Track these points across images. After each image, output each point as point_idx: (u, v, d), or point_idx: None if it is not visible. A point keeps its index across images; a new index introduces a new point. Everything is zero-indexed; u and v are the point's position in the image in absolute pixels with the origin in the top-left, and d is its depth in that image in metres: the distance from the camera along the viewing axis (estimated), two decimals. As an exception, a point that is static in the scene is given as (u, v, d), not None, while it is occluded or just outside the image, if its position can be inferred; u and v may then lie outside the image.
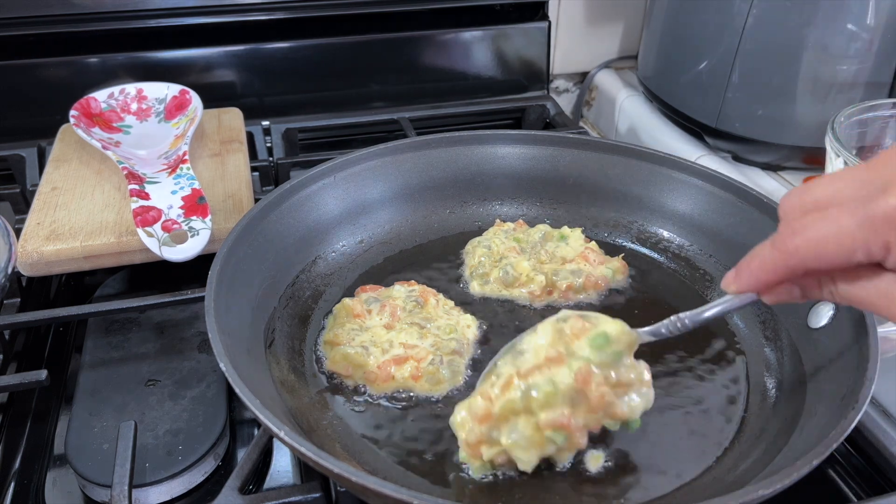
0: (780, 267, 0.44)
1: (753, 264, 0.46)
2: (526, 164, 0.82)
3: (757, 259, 0.46)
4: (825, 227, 0.41)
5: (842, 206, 0.41)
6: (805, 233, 0.42)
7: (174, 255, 0.68)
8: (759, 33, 0.91)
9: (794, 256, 0.43)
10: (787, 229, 0.43)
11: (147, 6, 0.98)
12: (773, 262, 0.44)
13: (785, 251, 0.43)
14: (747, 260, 0.47)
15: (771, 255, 0.44)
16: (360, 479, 0.43)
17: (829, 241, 0.41)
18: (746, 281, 0.47)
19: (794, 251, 0.43)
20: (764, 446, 0.56)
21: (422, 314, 0.67)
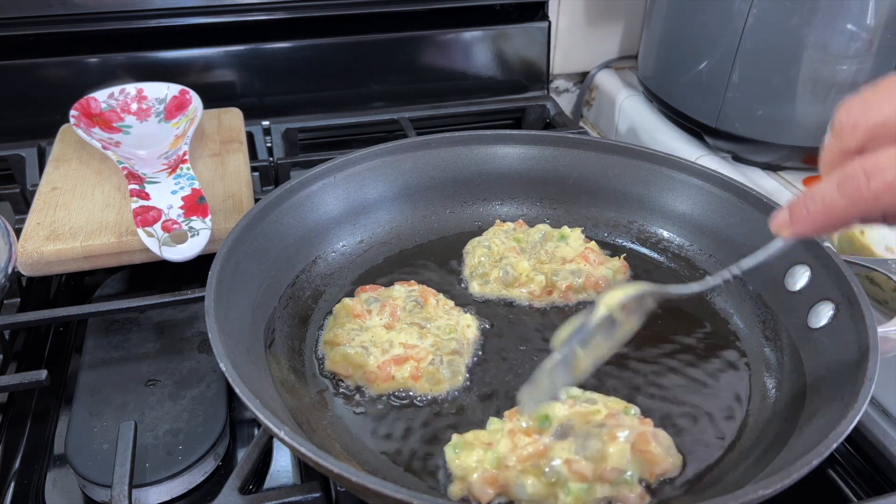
0: (851, 214, 0.40)
1: (815, 209, 0.41)
2: (526, 164, 0.82)
3: (820, 204, 0.41)
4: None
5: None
6: (882, 176, 0.38)
7: (174, 255, 0.68)
8: (759, 33, 0.91)
9: (871, 204, 0.39)
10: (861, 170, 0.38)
11: (147, 6, 0.98)
12: (844, 209, 0.40)
13: (859, 200, 0.39)
14: (806, 203, 0.42)
15: (841, 202, 0.39)
16: (360, 479, 0.43)
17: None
18: (804, 226, 0.42)
19: (872, 199, 0.38)
20: (764, 446, 0.56)
21: (422, 314, 0.67)
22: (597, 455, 0.51)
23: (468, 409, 0.61)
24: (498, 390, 0.62)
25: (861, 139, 0.40)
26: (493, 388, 0.63)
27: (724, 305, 0.72)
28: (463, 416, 0.59)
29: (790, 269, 0.66)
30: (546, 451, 0.52)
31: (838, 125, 0.41)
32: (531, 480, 0.51)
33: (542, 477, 0.51)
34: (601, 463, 0.51)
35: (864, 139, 0.40)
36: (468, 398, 0.62)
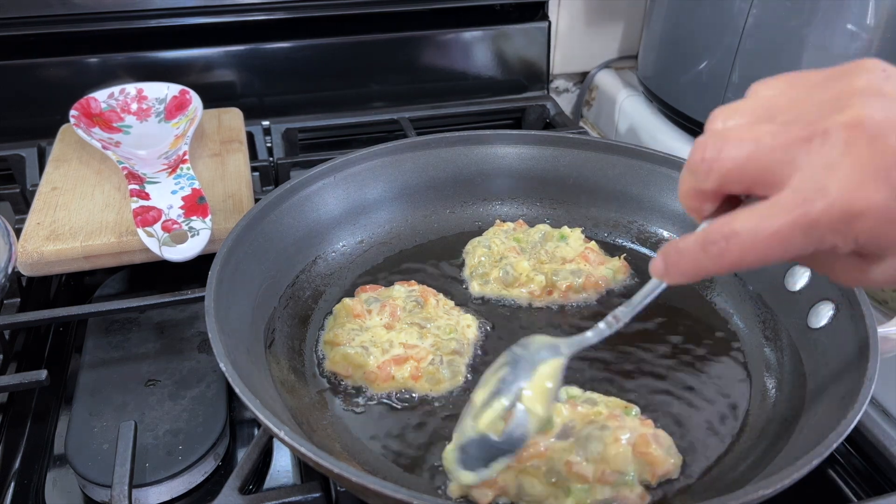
0: (717, 272, 0.41)
1: (684, 265, 0.42)
2: (526, 164, 0.82)
3: (689, 260, 0.41)
4: (764, 235, 0.37)
5: (777, 206, 0.37)
6: (741, 241, 0.38)
7: (174, 255, 0.68)
8: (759, 33, 0.91)
9: (731, 266, 0.39)
10: (720, 235, 0.39)
11: (147, 6, 0.98)
12: (711, 267, 0.40)
13: (721, 262, 0.39)
14: (677, 258, 0.42)
15: (707, 262, 0.40)
16: (360, 479, 0.43)
17: (771, 250, 0.37)
18: (677, 278, 0.43)
19: (732, 263, 0.39)
20: (764, 446, 0.56)
21: (422, 314, 0.67)
22: (598, 457, 0.51)
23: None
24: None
25: (714, 183, 0.40)
26: (493, 388, 0.62)
27: (724, 305, 0.72)
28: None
29: (790, 269, 0.67)
30: (547, 453, 0.52)
31: (692, 164, 0.41)
32: (531, 481, 0.51)
33: (543, 478, 0.51)
34: (602, 464, 0.51)
35: (718, 183, 0.40)
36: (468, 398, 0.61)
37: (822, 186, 0.35)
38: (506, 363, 0.51)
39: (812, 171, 0.36)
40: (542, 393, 0.49)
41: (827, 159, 0.36)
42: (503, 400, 0.49)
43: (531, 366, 0.50)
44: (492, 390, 0.50)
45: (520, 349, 0.51)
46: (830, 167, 0.35)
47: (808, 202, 0.36)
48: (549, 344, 0.51)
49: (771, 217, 0.37)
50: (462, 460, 0.50)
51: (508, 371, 0.50)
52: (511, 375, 0.50)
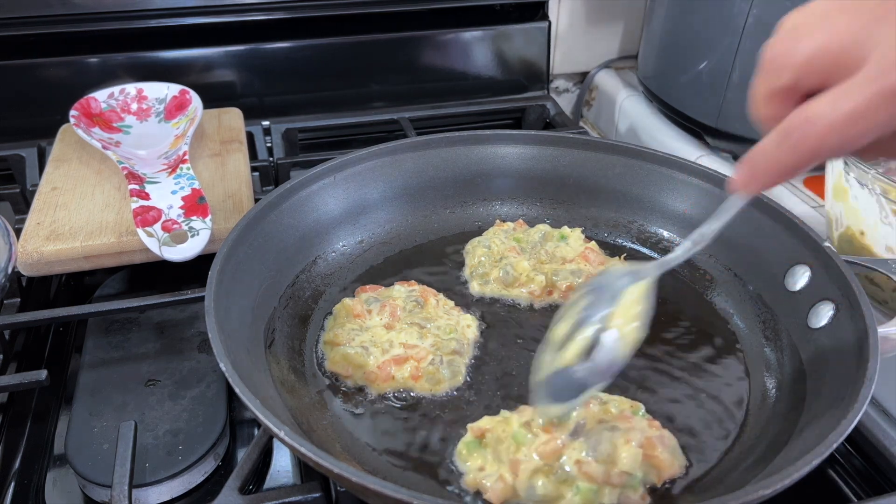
0: (801, 164, 0.39)
1: (768, 165, 0.41)
2: (526, 164, 0.82)
3: (771, 159, 0.40)
4: (844, 114, 0.36)
5: (856, 82, 0.36)
6: (821, 123, 0.37)
7: (174, 255, 0.68)
8: (759, 33, 0.91)
9: (815, 153, 0.38)
10: (798, 121, 0.38)
11: (147, 6, 0.98)
12: (791, 161, 0.39)
13: (803, 150, 0.38)
14: (754, 161, 0.41)
15: (788, 156, 0.39)
16: (360, 479, 0.43)
17: (853, 128, 0.36)
18: (764, 183, 0.42)
19: (814, 148, 0.38)
20: (764, 446, 0.56)
21: (422, 314, 0.67)
22: (607, 458, 0.51)
23: (468, 409, 0.60)
24: (498, 390, 0.62)
25: (790, 77, 0.39)
26: (493, 387, 0.63)
27: (724, 305, 0.72)
28: (463, 416, 0.59)
29: (790, 269, 0.67)
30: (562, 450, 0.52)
31: (765, 63, 0.40)
32: (542, 481, 0.51)
33: (553, 476, 0.51)
34: (611, 466, 0.51)
35: (794, 77, 0.39)
36: (468, 398, 0.62)
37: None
38: (586, 293, 0.51)
39: (890, 44, 0.35)
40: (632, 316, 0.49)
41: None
42: (588, 330, 0.49)
43: (614, 293, 0.50)
44: (574, 322, 0.50)
45: (600, 278, 0.51)
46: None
47: (887, 72, 0.35)
48: (630, 270, 0.51)
49: (851, 93, 0.36)
50: (548, 394, 0.51)
51: (591, 300, 0.50)
52: (594, 305, 0.50)
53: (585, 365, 0.50)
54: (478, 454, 0.55)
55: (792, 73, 0.39)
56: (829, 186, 0.79)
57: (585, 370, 0.50)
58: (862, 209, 0.74)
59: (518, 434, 0.53)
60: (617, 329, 0.49)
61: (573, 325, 0.51)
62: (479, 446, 0.55)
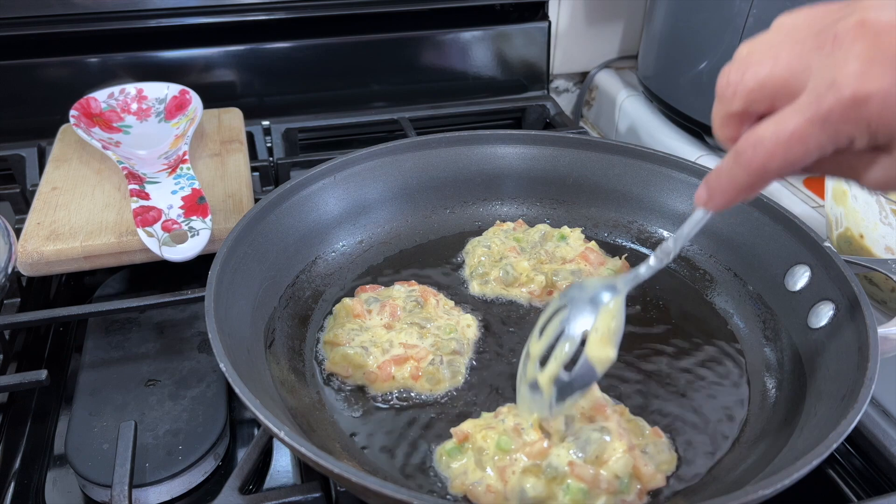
0: (753, 182, 0.43)
1: (724, 183, 0.45)
2: (526, 164, 0.82)
3: (726, 178, 0.44)
4: (785, 136, 0.40)
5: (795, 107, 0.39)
6: (765, 146, 0.41)
7: (174, 255, 0.68)
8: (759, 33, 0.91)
9: (763, 173, 0.42)
10: (747, 144, 0.42)
11: (147, 6, 0.98)
12: (744, 180, 0.43)
13: (752, 170, 0.42)
14: (716, 179, 0.45)
15: (740, 174, 0.43)
16: (360, 479, 0.43)
17: (794, 150, 0.40)
18: (722, 200, 0.46)
19: (761, 168, 0.41)
20: (764, 446, 0.56)
21: (422, 314, 0.67)
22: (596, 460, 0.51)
23: (468, 408, 0.60)
24: (498, 390, 0.62)
25: (740, 103, 0.43)
26: (493, 387, 0.63)
27: (724, 305, 0.72)
28: (463, 416, 0.59)
29: (790, 269, 0.67)
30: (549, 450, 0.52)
31: (720, 90, 0.44)
32: (531, 483, 0.51)
33: (542, 475, 0.51)
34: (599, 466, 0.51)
35: (744, 103, 0.42)
36: (468, 398, 0.62)
37: (833, 81, 0.38)
38: (563, 306, 0.53)
39: (823, 72, 0.39)
40: (608, 333, 0.51)
41: (836, 58, 0.38)
42: (566, 346, 0.51)
43: (592, 307, 0.52)
44: (552, 335, 0.53)
45: (575, 291, 0.53)
46: (839, 64, 0.38)
47: (821, 97, 0.38)
48: (604, 284, 0.53)
49: (789, 118, 0.40)
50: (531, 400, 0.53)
51: (568, 314, 0.52)
52: (571, 318, 0.52)
53: (564, 378, 0.51)
54: (458, 460, 0.54)
55: (742, 99, 0.43)
56: (829, 189, 0.79)
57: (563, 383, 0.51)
58: (861, 210, 0.74)
59: (501, 441, 0.53)
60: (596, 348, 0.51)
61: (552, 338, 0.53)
62: (459, 452, 0.55)
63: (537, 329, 0.55)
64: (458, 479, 0.53)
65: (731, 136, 0.45)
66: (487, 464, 0.53)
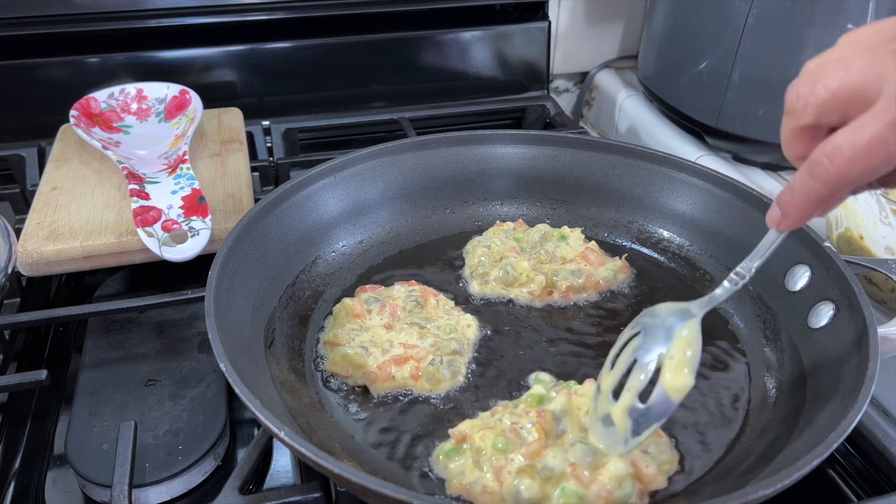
0: (829, 195, 0.42)
1: (798, 200, 0.43)
2: (526, 164, 0.82)
3: (801, 194, 0.43)
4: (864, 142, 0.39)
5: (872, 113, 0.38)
6: (843, 154, 0.40)
7: (174, 255, 0.68)
8: (759, 33, 0.91)
9: (841, 183, 0.41)
10: (822, 155, 0.40)
11: (147, 6, 0.98)
12: (820, 193, 0.42)
13: (829, 182, 0.41)
14: (790, 196, 0.44)
15: (816, 188, 0.42)
16: (360, 479, 0.43)
17: (875, 156, 0.39)
18: (797, 218, 0.45)
19: (839, 178, 0.40)
20: (764, 446, 0.56)
21: (422, 314, 0.67)
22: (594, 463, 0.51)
23: (468, 408, 0.60)
24: (498, 390, 0.62)
25: (812, 116, 0.42)
26: (493, 387, 0.63)
27: (724, 305, 0.72)
28: (463, 416, 0.59)
29: (790, 269, 0.66)
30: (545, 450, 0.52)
31: (789, 104, 0.43)
32: (526, 484, 0.51)
33: (537, 475, 0.51)
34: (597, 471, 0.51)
35: (816, 115, 0.42)
36: (468, 398, 0.62)
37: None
38: (635, 335, 0.51)
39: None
40: (684, 360, 0.50)
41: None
42: (641, 375, 0.50)
43: (666, 333, 0.50)
44: (624, 366, 0.51)
45: (648, 318, 0.52)
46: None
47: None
48: (678, 309, 0.52)
49: (867, 125, 0.39)
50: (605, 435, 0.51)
51: (642, 342, 0.51)
52: (645, 346, 0.51)
53: (639, 408, 0.50)
54: (456, 460, 0.54)
55: (814, 112, 0.42)
56: (829, 186, 0.79)
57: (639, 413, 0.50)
58: (861, 210, 0.74)
59: (496, 441, 0.53)
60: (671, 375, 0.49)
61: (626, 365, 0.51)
62: (457, 453, 0.55)
63: (609, 361, 0.53)
64: (455, 480, 0.53)
65: (800, 153, 0.44)
66: (485, 464, 0.53)
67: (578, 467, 0.51)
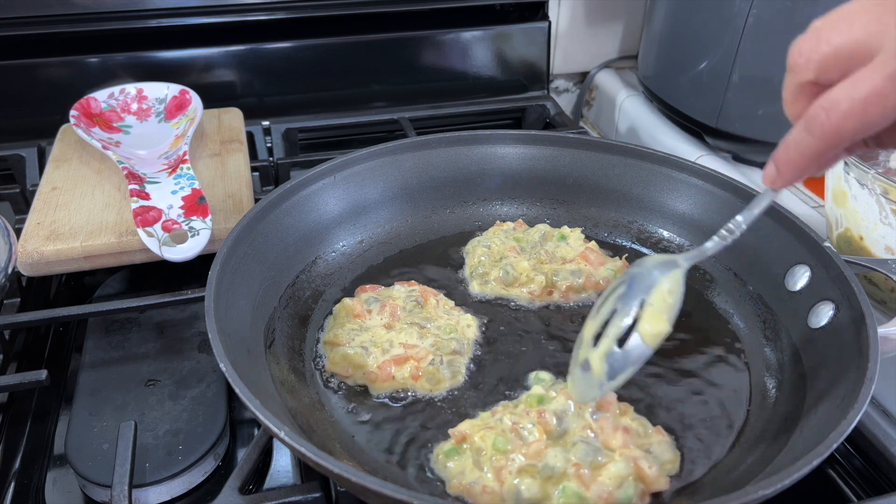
0: (824, 150, 0.41)
1: (793, 155, 0.43)
2: (526, 164, 0.82)
3: (795, 149, 0.42)
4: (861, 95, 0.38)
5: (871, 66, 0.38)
6: (840, 107, 0.39)
7: (174, 255, 0.68)
8: (759, 33, 0.91)
9: (837, 137, 0.40)
10: (819, 108, 0.40)
11: (147, 6, 0.98)
12: (816, 148, 0.41)
13: (825, 135, 0.40)
14: (784, 152, 0.43)
15: (812, 143, 0.41)
16: (360, 479, 0.43)
17: (871, 110, 0.38)
18: (792, 174, 0.44)
19: (835, 132, 0.40)
20: (764, 446, 0.56)
21: (422, 314, 0.67)
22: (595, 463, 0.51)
23: (468, 408, 0.60)
24: (498, 390, 0.62)
25: (814, 72, 0.41)
26: (493, 387, 0.63)
27: (724, 305, 0.72)
28: (463, 416, 0.59)
29: (790, 269, 0.67)
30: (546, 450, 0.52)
31: (792, 61, 0.42)
32: (527, 484, 0.51)
33: (538, 475, 0.51)
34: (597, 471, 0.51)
35: (817, 71, 0.41)
36: (468, 398, 0.62)
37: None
38: (621, 283, 0.52)
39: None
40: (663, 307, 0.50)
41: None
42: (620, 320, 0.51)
43: (649, 281, 0.51)
44: (606, 313, 0.52)
45: (634, 268, 0.53)
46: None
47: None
48: (664, 260, 0.52)
49: (866, 77, 0.38)
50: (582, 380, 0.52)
51: (625, 289, 0.52)
52: (627, 294, 0.51)
53: (617, 353, 0.51)
54: (456, 460, 0.54)
55: (815, 68, 0.41)
56: (829, 190, 0.79)
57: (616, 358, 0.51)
58: (861, 210, 0.74)
59: (497, 441, 0.53)
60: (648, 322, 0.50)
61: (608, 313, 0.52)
62: (457, 453, 0.55)
63: (594, 309, 0.54)
64: (455, 480, 0.53)
65: (801, 111, 0.43)
66: (485, 464, 0.53)
67: (580, 467, 0.51)
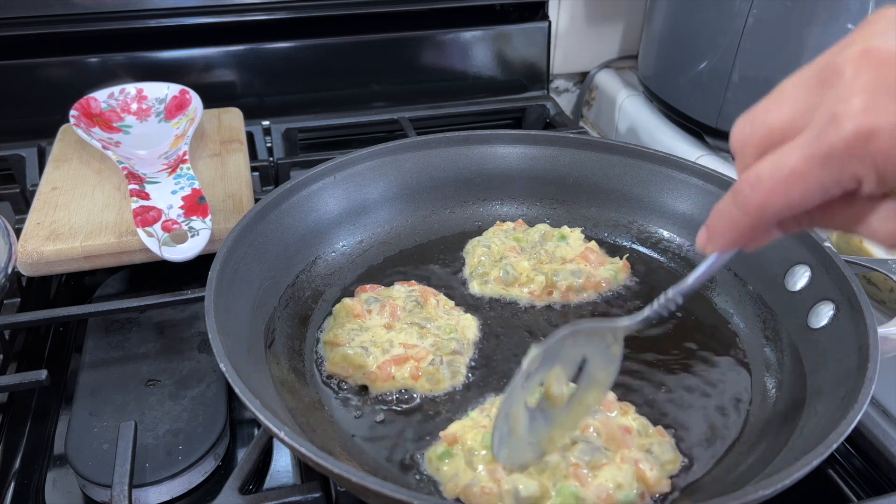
0: (750, 225, 0.40)
1: (721, 226, 0.42)
2: (526, 164, 0.82)
3: (724, 220, 0.42)
4: (783, 174, 0.37)
5: (795, 144, 0.37)
6: (763, 185, 0.38)
7: (174, 255, 0.68)
8: (759, 33, 0.91)
9: (760, 213, 0.39)
10: (745, 183, 0.39)
11: (147, 6, 0.98)
12: (743, 223, 0.41)
13: (750, 211, 0.40)
14: (715, 221, 0.43)
15: (739, 217, 0.40)
16: (360, 479, 0.43)
17: (793, 189, 0.37)
18: (720, 243, 0.43)
19: (760, 209, 0.39)
20: (764, 446, 0.56)
21: (422, 314, 0.67)
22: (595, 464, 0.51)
23: (468, 408, 0.60)
24: (498, 390, 0.62)
25: (753, 155, 0.40)
26: (493, 387, 0.63)
27: (724, 305, 0.72)
28: (463, 416, 0.59)
29: (790, 269, 0.67)
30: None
31: (733, 149, 0.42)
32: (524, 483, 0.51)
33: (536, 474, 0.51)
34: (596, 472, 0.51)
35: (756, 154, 0.40)
36: (468, 398, 0.62)
37: (835, 115, 0.35)
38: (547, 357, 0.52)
39: (826, 107, 0.36)
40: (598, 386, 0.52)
41: (839, 91, 0.36)
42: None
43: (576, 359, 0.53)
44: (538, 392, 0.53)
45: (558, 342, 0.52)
46: (842, 97, 0.35)
47: (822, 133, 0.36)
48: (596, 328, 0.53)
49: (788, 154, 0.37)
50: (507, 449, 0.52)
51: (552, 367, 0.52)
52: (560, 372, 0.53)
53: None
54: (449, 463, 0.54)
55: (752, 153, 0.40)
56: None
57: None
58: (862, 209, 0.74)
59: (486, 439, 0.53)
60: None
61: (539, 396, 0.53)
62: (448, 455, 0.55)
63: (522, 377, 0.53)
64: (450, 483, 0.53)
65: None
66: (478, 464, 0.53)
67: (579, 466, 0.51)
